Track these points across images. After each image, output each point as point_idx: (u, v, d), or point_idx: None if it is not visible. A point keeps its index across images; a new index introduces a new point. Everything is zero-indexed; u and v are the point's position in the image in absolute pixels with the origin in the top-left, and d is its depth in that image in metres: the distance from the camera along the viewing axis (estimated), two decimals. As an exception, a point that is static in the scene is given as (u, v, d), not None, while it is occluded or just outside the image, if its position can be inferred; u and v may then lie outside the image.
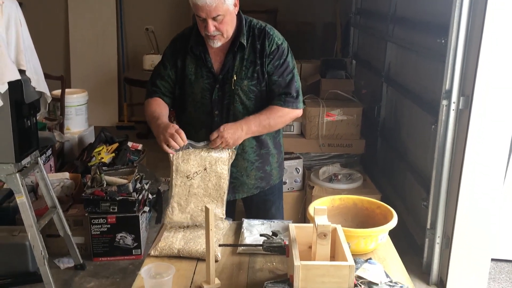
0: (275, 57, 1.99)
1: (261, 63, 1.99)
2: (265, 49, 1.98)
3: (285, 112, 2.02)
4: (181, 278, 1.62)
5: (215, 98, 2.03)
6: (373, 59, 4.58)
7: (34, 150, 2.69)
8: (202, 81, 2.02)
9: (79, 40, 6.10)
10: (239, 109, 2.03)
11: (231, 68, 1.99)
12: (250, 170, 2.14)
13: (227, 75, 2.00)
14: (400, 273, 1.67)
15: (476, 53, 2.55)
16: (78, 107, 4.68)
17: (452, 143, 2.76)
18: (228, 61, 1.99)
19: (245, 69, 1.99)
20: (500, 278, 3.05)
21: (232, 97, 2.01)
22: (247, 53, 1.99)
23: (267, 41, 1.99)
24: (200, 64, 2.02)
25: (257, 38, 1.99)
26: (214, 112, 2.04)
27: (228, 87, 2.00)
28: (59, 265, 3.09)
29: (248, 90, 2.01)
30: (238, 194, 2.18)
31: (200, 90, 2.03)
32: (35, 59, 2.64)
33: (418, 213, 3.26)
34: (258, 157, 2.13)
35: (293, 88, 2.03)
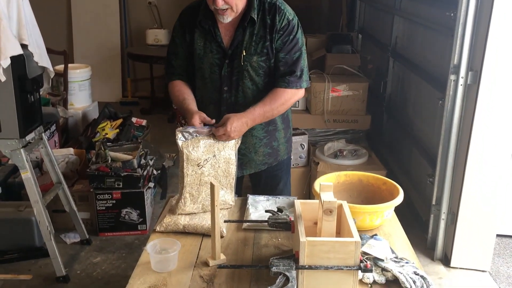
0: (285, 33, 1.94)
1: (270, 38, 1.93)
2: (276, 24, 1.93)
3: (288, 95, 1.97)
4: (186, 253, 1.62)
5: (224, 73, 1.99)
6: (380, 34, 4.50)
7: (38, 126, 2.68)
8: (211, 56, 1.98)
9: (82, 14, 6.03)
10: (248, 85, 1.99)
11: (240, 43, 1.94)
12: (259, 147, 2.12)
13: (236, 50, 1.95)
14: (405, 249, 1.67)
15: (486, 27, 2.49)
16: (82, 82, 4.66)
17: (460, 118, 2.73)
18: (238, 35, 1.94)
19: (255, 44, 1.94)
20: (505, 253, 3.05)
21: (241, 73, 1.97)
22: (257, 28, 1.93)
23: (278, 16, 1.93)
24: (209, 39, 1.98)
25: (267, 13, 1.93)
26: (223, 88, 2.01)
27: (237, 63, 1.96)
28: (65, 240, 3.12)
29: (257, 66, 1.97)
30: (246, 170, 2.17)
31: (209, 65, 1.99)
32: (37, 34, 2.61)
33: (424, 189, 3.25)
34: (266, 133, 2.11)
35: (298, 66, 1.98)
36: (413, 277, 1.44)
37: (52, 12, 5.99)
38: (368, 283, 1.46)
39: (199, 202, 1.80)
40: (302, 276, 1.37)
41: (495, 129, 2.61)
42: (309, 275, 1.37)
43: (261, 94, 1.99)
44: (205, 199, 1.80)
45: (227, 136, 1.82)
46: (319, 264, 1.36)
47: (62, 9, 6.13)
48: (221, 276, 1.50)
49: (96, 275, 2.82)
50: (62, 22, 6.17)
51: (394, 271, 1.45)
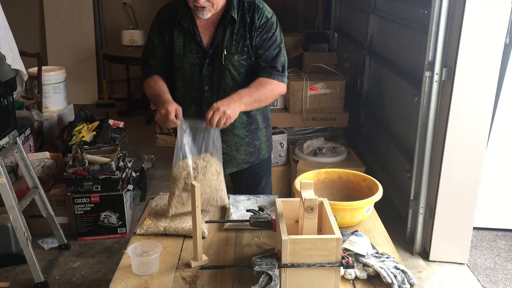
0: (264, 30, 1.94)
1: (250, 37, 1.94)
2: (255, 22, 1.93)
3: (273, 85, 1.96)
4: (168, 255, 1.61)
5: (205, 73, 1.97)
6: (355, 32, 4.55)
7: (12, 130, 2.62)
8: (191, 56, 1.97)
9: (55, 15, 5.92)
10: (229, 84, 1.99)
11: (221, 43, 1.93)
12: (240, 146, 2.12)
13: (217, 49, 1.94)
14: (385, 244, 1.69)
15: (459, 23, 2.54)
16: (56, 85, 4.57)
17: (435, 114, 2.77)
18: (218, 34, 1.93)
19: (235, 43, 1.94)
20: (481, 246, 3.11)
21: (222, 72, 1.96)
22: (237, 27, 1.93)
23: (257, 14, 1.94)
24: (188, 38, 1.96)
25: (246, 12, 1.93)
26: (204, 87, 1.99)
27: (218, 62, 1.95)
28: (43, 246, 3.06)
29: (238, 65, 1.96)
30: (228, 169, 2.15)
31: (189, 65, 1.98)
32: (9, 36, 2.56)
33: (402, 184, 3.30)
34: (248, 132, 2.11)
35: (279, 62, 1.98)
36: (394, 272, 1.46)
37: (24, 13, 5.87)
38: (350, 279, 1.47)
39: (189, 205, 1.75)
40: (284, 274, 1.38)
41: (470, 124, 2.66)
42: (291, 273, 1.38)
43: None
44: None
45: (218, 112, 1.73)
46: (301, 262, 1.37)
47: (34, 10, 6.01)
48: (203, 277, 1.49)
49: (76, 280, 2.77)
50: (34, 23, 6.05)
51: (375, 267, 1.47)
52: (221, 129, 1.92)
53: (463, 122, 2.66)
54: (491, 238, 3.20)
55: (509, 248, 3.09)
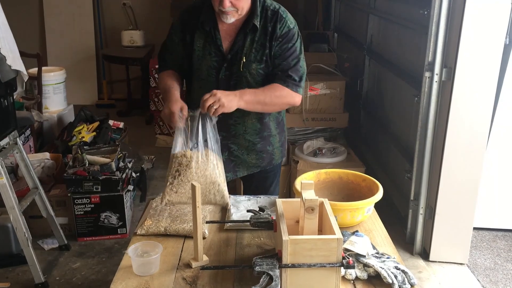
0: (284, 40, 1.91)
1: (270, 46, 1.91)
2: (276, 31, 1.90)
3: (284, 92, 1.92)
4: (168, 256, 1.61)
5: (221, 77, 1.95)
6: (355, 32, 4.55)
7: (12, 131, 2.62)
8: (209, 58, 1.95)
9: (54, 16, 5.92)
10: None
11: (240, 49, 1.92)
12: (251, 150, 2.10)
13: (236, 55, 1.92)
14: (386, 245, 1.69)
15: (459, 24, 2.54)
16: (56, 85, 4.57)
17: (435, 114, 2.77)
18: (238, 41, 1.92)
19: (255, 51, 1.91)
20: (481, 246, 3.12)
21: (239, 79, 1.94)
22: (258, 35, 1.90)
23: (279, 23, 1.90)
24: (209, 41, 1.94)
25: (269, 20, 1.90)
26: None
27: (236, 68, 1.93)
28: (43, 246, 3.06)
29: (256, 73, 1.94)
30: (239, 172, 2.14)
31: (207, 67, 1.96)
32: (9, 37, 2.56)
33: (402, 184, 3.30)
34: (260, 138, 2.09)
35: (296, 72, 1.94)
36: (395, 272, 1.46)
37: (24, 14, 5.87)
38: (351, 279, 1.47)
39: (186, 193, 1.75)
40: (285, 274, 1.38)
41: (470, 124, 2.67)
42: (292, 273, 1.38)
43: None
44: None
45: (213, 96, 1.74)
46: (302, 262, 1.37)
47: (34, 11, 6.01)
48: (204, 278, 1.50)
49: (76, 280, 2.77)
50: (34, 24, 6.05)
51: (376, 267, 1.47)
52: (232, 133, 1.98)
53: (463, 122, 2.66)
54: (491, 238, 3.20)
55: (509, 248, 3.09)
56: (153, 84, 4.84)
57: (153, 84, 4.83)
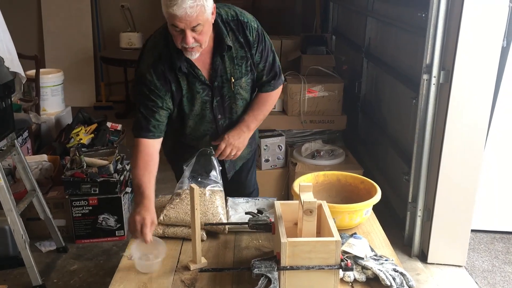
0: (258, 43, 1.91)
1: (251, 55, 1.91)
2: (249, 39, 1.88)
3: (274, 97, 2.06)
4: (167, 258, 1.61)
5: (215, 105, 1.95)
6: (353, 35, 4.56)
7: (10, 133, 2.62)
8: (199, 96, 1.91)
9: (52, 18, 5.91)
10: (240, 105, 2.01)
11: (223, 72, 1.89)
12: (247, 144, 2.13)
13: (221, 79, 1.90)
14: (384, 247, 1.70)
15: (456, 27, 2.55)
16: (54, 87, 4.56)
17: (433, 117, 2.78)
18: (217, 66, 1.87)
19: (238, 67, 1.90)
20: (479, 248, 3.12)
21: (233, 97, 1.96)
22: (235, 51, 1.88)
23: (247, 30, 1.88)
24: (191, 80, 1.87)
25: (236, 32, 1.86)
26: (217, 117, 1.98)
27: (226, 90, 1.93)
28: (41, 249, 3.06)
29: (246, 85, 1.97)
30: (237, 165, 2.23)
31: (200, 104, 1.93)
32: (7, 39, 2.56)
33: (400, 187, 3.30)
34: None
35: (276, 67, 2.01)
36: (393, 274, 1.46)
37: (22, 15, 5.86)
38: (349, 281, 1.48)
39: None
40: (284, 277, 1.38)
41: (468, 126, 2.67)
42: (291, 275, 1.38)
43: (248, 104, 2.05)
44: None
45: (229, 145, 1.95)
46: (300, 265, 1.37)
47: (32, 13, 6.00)
48: (202, 280, 1.50)
49: (74, 283, 2.76)
50: (32, 26, 6.03)
51: (374, 269, 1.47)
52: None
53: (461, 124, 2.67)
54: (489, 240, 3.20)
55: (507, 250, 3.10)
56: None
57: (151, 86, 4.82)
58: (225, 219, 1.76)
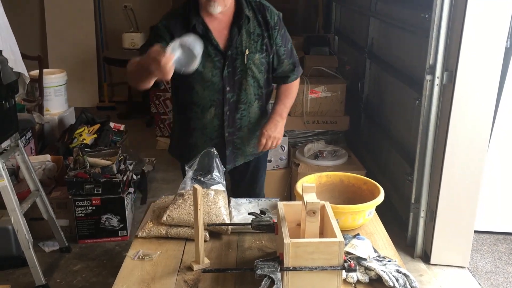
0: (279, 27, 2.02)
1: (268, 35, 1.99)
2: (269, 21, 1.99)
3: (296, 85, 2.19)
4: (170, 258, 1.61)
5: (225, 75, 1.99)
6: (356, 35, 4.55)
7: (13, 133, 2.62)
8: (210, 60, 1.96)
9: (56, 18, 5.93)
10: (250, 83, 2.04)
11: (239, 43, 1.95)
12: (252, 139, 2.19)
13: (236, 50, 1.96)
14: (387, 248, 1.69)
15: (460, 27, 2.55)
16: (57, 87, 4.58)
17: (436, 118, 2.77)
18: (234, 36, 1.95)
19: (254, 42, 1.97)
20: (482, 249, 3.11)
21: (244, 72, 2.00)
22: (252, 27, 1.96)
23: (267, 13, 1.99)
24: (204, 43, 1.82)
25: (257, 11, 1.98)
26: (225, 89, 2.01)
27: (240, 62, 1.98)
28: (44, 249, 3.06)
29: (259, 63, 2.01)
30: (238, 161, 2.22)
31: (210, 69, 1.97)
32: (11, 39, 2.57)
33: (403, 187, 3.30)
34: (259, 126, 2.18)
35: (295, 55, 2.14)
36: (396, 275, 1.46)
37: (25, 16, 5.88)
38: (352, 282, 1.47)
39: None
40: (287, 277, 1.38)
41: (471, 127, 2.67)
42: (294, 276, 1.38)
43: (259, 91, 2.09)
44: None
45: (269, 138, 2.07)
46: (303, 265, 1.37)
47: (35, 13, 6.02)
48: (205, 280, 1.50)
49: (77, 283, 2.77)
50: (35, 26, 6.05)
51: (377, 270, 1.47)
52: (237, 127, 2.11)
53: (464, 125, 2.66)
54: (492, 241, 3.20)
55: (510, 251, 3.09)
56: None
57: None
58: (228, 220, 1.76)
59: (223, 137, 2.12)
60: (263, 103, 2.15)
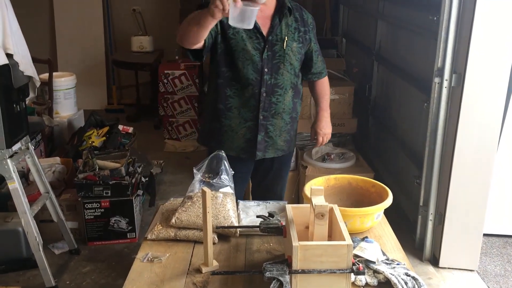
0: (313, 26, 2.30)
1: (304, 30, 2.22)
2: (305, 19, 2.25)
3: (327, 81, 2.45)
4: (178, 261, 1.62)
5: (265, 57, 2.14)
6: (364, 38, 4.55)
7: (24, 136, 2.65)
8: (252, 41, 2.13)
9: (65, 22, 5.99)
10: (287, 68, 2.19)
11: (279, 31, 2.15)
12: (283, 131, 2.30)
13: (276, 37, 2.15)
14: (395, 251, 1.69)
15: (468, 30, 2.54)
16: (67, 90, 4.62)
17: (445, 120, 2.77)
18: (275, 24, 2.15)
19: (291, 33, 2.18)
20: (491, 252, 3.10)
21: (282, 57, 2.17)
22: (290, 21, 2.18)
23: (304, 13, 2.27)
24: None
25: (294, 10, 2.21)
26: (264, 69, 2.15)
27: (279, 48, 2.16)
28: (54, 251, 3.09)
29: (297, 51, 2.20)
30: (268, 153, 2.31)
31: (252, 48, 2.13)
32: (22, 43, 2.59)
33: (411, 190, 3.29)
34: (290, 120, 2.30)
35: (321, 54, 2.37)
36: (405, 278, 1.46)
37: (35, 20, 5.93)
38: (361, 285, 1.48)
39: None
40: (295, 280, 1.38)
41: (480, 130, 2.66)
42: (302, 279, 1.38)
43: (294, 79, 2.24)
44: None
45: (324, 135, 2.43)
46: (312, 268, 1.37)
47: (45, 17, 6.07)
48: (214, 283, 1.50)
49: (86, 285, 2.79)
50: (45, 29, 6.11)
51: (386, 273, 1.47)
52: (272, 112, 2.23)
53: (473, 128, 2.65)
54: (501, 244, 3.18)
55: (520, 255, 3.07)
56: (162, 89, 4.87)
57: (162, 89, 4.86)
58: (236, 222, 1.77)
59: (257, 120, 2.21)
60: (297, 95, 2.29)
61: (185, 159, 4.62)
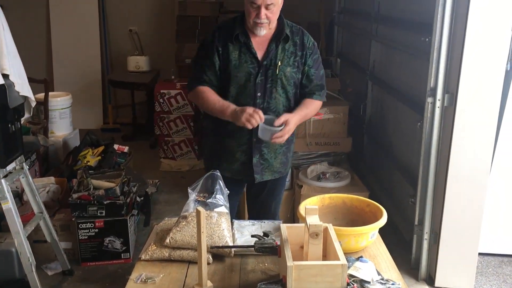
0: (313, 51, 2.27)
1: (301, 55, 2.23)
2: (305, 43, 2.24)
3: (318, 105, 2.34)
4: (173, 281, 1.61)
5: (258, 82, 2.20)
6: (358, 58, 4.60)
7: (19, 155, 2.65)
8: (246, 66, 2.19)
9: (61, 42, 6.03)
10: (279, 93, 2.23)
11: (274, 56, 2.19)
12: (278, 153, 2.34)
13: (270, 62, 2.19)
14: (391, 270, 1.69)
15: (459, 51, 2.58)
16: (62, 110, 4.62)
17: (438, 140, 2.79)
18: (271, 49, 2.20)
19: (287, 58, 2.21)
20: (487, 272, 3.09)
21: (275, 82, 2.21)
22: (288, 45, 2.21)
23: (305, 37, 2.25)
24: (244, 51, 2.19)
25: (295, 34, 2.24)
26: (257, 94, 2.21)
27: (272, 73, 2.20)
28: (46, 271, 3.05)
29: (290, 76, 2.23)
30: (265, 176, 2.35)
31: (245, 74, 2.19)
32: (18, 63, 2.60)
33: (406, 209, 3.29)
34: (286, 142, 2.28)
35: (324, 80, 2.34)
36: (400, 298, 1.45)
37: (31, 39, 5.97)
38: (356, 305, 1.47)
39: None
40: (290, 300, 1.38)
41: (473, 149, 2.68)
42: (297, 299, 1.38)
43: (289, 103, 2.27)
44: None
45: (287, 134, 2.15)
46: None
47: (41, 36, 6.11)
48: (208, 304, 1.49)
49: (79, 306, 2.76)
50: (41, 49, 6.14)
51: (381, 293, 1.46)
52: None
53: (466, 147, 2.67)
54: (497, 264, 3.17)
55: (515, 274, 3.06)
56: (158, 108, 4.88)
57: (158, 108, 4.88)
58: (231, 242, 1.76)
59: (251, 143, 2.25)
60: None
61: (181, 178, 4.61)
